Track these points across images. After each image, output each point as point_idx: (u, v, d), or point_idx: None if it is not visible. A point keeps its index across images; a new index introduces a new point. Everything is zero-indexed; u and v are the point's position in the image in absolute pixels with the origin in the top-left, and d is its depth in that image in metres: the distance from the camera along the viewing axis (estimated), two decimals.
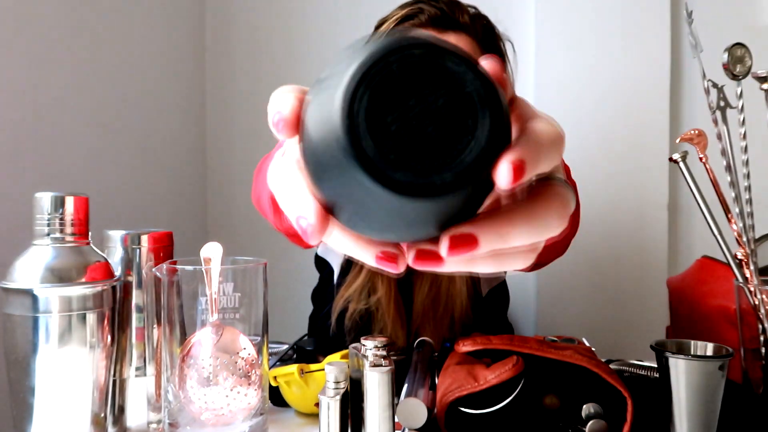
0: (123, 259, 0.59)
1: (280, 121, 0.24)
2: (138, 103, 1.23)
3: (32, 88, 0.95)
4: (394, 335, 0.85)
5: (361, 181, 0.21)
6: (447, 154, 0.22)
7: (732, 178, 0.61)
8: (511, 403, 0.55)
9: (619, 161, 1.29)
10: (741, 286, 0.58)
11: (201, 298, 0.51)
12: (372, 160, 0.21)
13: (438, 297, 0.86)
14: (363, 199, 0.22)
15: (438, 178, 0.21)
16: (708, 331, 0.71)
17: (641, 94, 1.29)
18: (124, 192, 1.17)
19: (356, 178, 0.21)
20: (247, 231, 1.44)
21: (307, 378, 0.62)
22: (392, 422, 0.49)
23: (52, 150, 0.98)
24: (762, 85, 0.61)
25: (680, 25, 1.28)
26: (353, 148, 0.21)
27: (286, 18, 1.47)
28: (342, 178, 0.22)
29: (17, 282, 0.50)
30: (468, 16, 0.81)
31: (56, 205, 0.51)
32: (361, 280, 0.85)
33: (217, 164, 1.50)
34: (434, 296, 0.86)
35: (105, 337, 0.53)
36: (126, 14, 1.19)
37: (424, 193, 0.21)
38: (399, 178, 0.21)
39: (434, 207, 0.22)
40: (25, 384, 0.50)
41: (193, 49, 1.46)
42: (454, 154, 0.22)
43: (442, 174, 0.21)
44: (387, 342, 0.51)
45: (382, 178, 0.21)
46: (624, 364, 0.67)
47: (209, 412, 0.50)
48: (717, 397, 0.50)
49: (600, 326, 1.30)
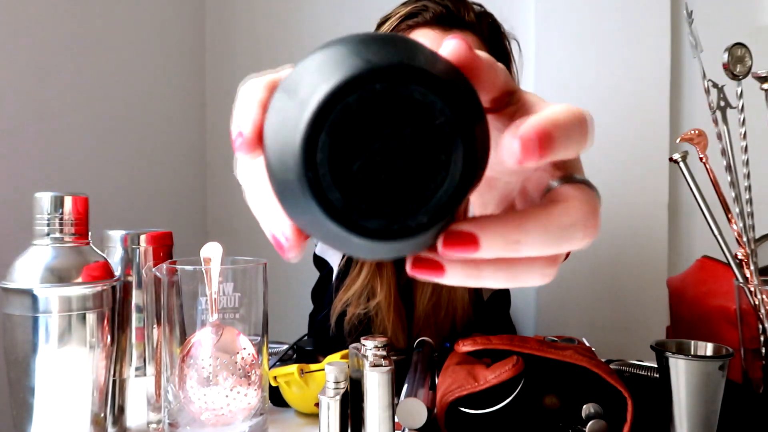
0: (123, 259, 0.59)
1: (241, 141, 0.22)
2: (138, 103, 1.23)
3: (32, 88, 0.95)
4: (395, 340, 0.83)
5: (329, 227, 0.20)
6: (420, 195, 0.20)
7: (732, 178, 0.61)
8: (511, 403, 0.55)
9: (619, 161, 1.29)
10: (741, 286, 0.58)
11: (201, 298, 0.51)
12: (340, 211, 0.19)
13: (439, 302, 0.84)
14: (332, 237, 0.21)
15: (412, 221, 0.20)
16: (708, 331, 0.71)
17: (641, 94, 1.28)
18: (124, 192, 1.17)
19: (324, 224, 0.20)
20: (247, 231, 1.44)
21: (307, 378, 0.62)
22: (392, 422, 0.49)
23: (52, 150, 0.98)
24: (762, 85, 0.61)
25: (680, 25, 1.28)
26: (318, 200, 0.19)
27: (286, 18, 1.47)
28: (308, 218, 0.20)
29: (17, 282, 0.50)
30: (474, 14, 0.79)
31: (56, 205, 0.51)
32: (359, 284, 0.83)
33: (217, 164, 1.50)
34: (435, 301, 0.84)
35: (105, 337, 0.53)
36: (126, 14, 1.19)
37: (398, 237, 0.20)
38: (371, 226, 0.20)
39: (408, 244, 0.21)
40: (25, 384, 0.50)
41: (193, 49, 1.46)
42: (428, 195, 0.20)
43: (416, 217, 0.20)
44: (387, 342, 0.51)
45: (353, 227, 0.19)
46: (624, 364, 0.67)
47: (209, 412, 0.50)
48: (717, 397, 0.50)
49: (600, 326, 1.30)
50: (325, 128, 0.19)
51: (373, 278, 0.83)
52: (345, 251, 0.23)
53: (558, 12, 1.30)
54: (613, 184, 1.29)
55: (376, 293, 0.83)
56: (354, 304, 0.83)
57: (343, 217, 0.19)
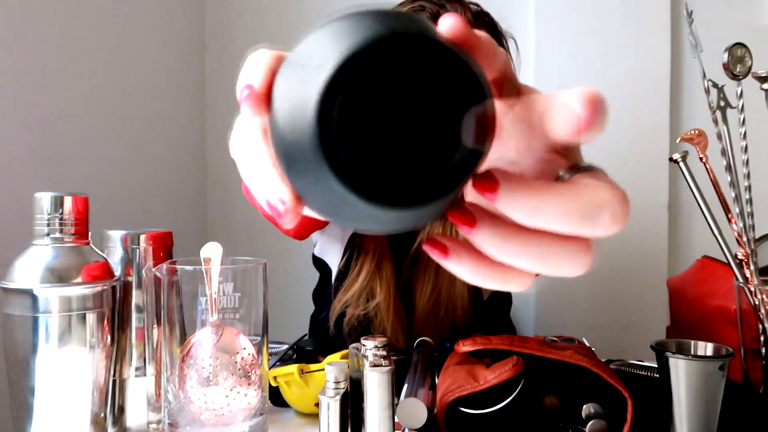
0: (123, 259, 0.59)
1: (250, 95, 0.21)
2: (138, 103, 1.23)
3: (32, 89, 0.95)
4: (394, 340, 0.83)
5: (338, 190, 0.19)
6: (433, 163, 0.20)
7: (732, 178, 0.61)
8: (511, 403, 0.55)
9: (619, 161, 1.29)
10: (741, 286, 0.58)
11: (201, 298, 0.51)
12: (351, 172, 0.19)
13: (438, 301, 0.84)
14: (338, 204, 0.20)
15: (427, 187, 0.20)
16: (708, 331, 0.71)
17: (641, 94, 1.28)
18: (124, 192, 1.17)
19: (332, 186, 0.19)
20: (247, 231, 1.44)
21: (307, 378, 0.62)
22: (392, 422, 0.49)
23: (52, 150, 0.98)
24: (762, 85, 0.61)
25: (680, 25, 1.28)
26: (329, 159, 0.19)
27: (286, 18, 1.47)
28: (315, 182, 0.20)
29: (17, 282, 0.50)
30: (471, 14, 0.80)
31: (56, 205, 0.51)
32: (359, 285, 0.83)
33: (217, 164, 1.50)
34: (435, 301, 0.84)
35: (105, 337, 0.53)
36: (126, 14, 1.19)
37: (409, 204, 0.20)
38: (381, 191, 0.19)
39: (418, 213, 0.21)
40: (25, 384, 0.50)
41: (193, 49, 1.46)
42: (441, 162, 0.20)
43: (428, 184, 0.20)
44: (387, 342, 0.51)
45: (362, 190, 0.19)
46: (624, 364, 0.67)
47: (209, 412, 0.50)
48: (717, 397, 0.50)
49: (600, 326, 1.30)
50: (344, 88, 0.19)
51: (372, 279, 0.83)
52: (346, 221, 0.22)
53: (558, 12, 1.30)
54: None
55: (376, 294, 0.83)
56: (353, 305, 0.83)
57: (352, 179, 0.19)
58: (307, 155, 0.19)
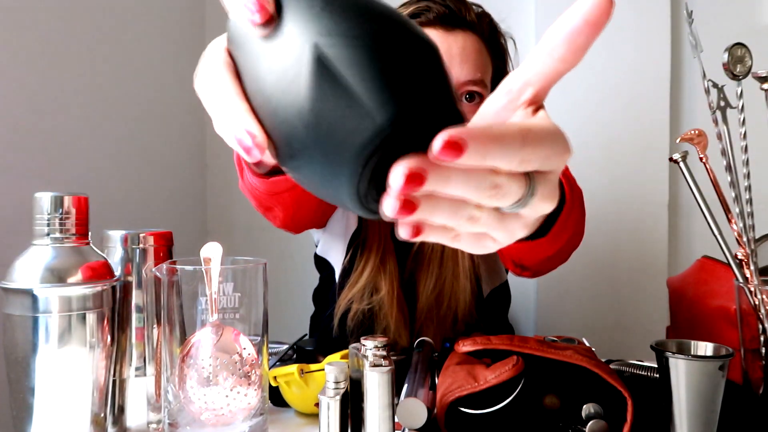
0: (123, 259, 0.59)
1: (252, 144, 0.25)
2: (138, 103, 1.23)
3: (32, 88, 0.95)
4: (397, 334, 0.84)
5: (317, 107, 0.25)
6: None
7: (732, 178, 0.61)
8: (511, 403, 0.55)
9: (619, 161, 1.29)
10: (741, 286, 0.58)
11: (201, 298, 0.51)
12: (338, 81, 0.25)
13: (441, 294, 0.85)
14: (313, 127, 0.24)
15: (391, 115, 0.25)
16: (708, 331, 0.71)
17: (641, 94, 1.29)
18: (124, 192, 1.17)
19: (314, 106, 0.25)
20: (247, 231, 1.44)
21: (307, 378, 0.62)
22: (392, 422, 0.49)
23: (52, 150, 0.98)
24: (762, 85, 0.61)
25: (680, 25, 1.28)
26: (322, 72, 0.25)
27: None
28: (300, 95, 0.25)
29: (17, 282, 0.50)
30: (474, 14, 0.81)
31: (56, 205, 0.51)
32: (363, 280, 0.84)
33: (217, 164, 1.50)
34: (438, 294, 0.85)
35: (105, 337, 0.53)
36: (126, 14, 1.19)
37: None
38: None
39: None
40: (25, 384, 0.50)
41: (193, 49, 1.46)
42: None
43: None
44: (387, 342, 0.51)
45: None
46: (624, 364, 0.67)
47: (209, 412, 0.50)
48: (717, 397, 0.50)
49: (600, 326, 1.30)
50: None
51: (376, 274, 0.84)
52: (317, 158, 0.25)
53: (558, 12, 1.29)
54: (613, 184, 1.29)
55: (380, 288, 0.84)
56: (358, 300, 0.84)
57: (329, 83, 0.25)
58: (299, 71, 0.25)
